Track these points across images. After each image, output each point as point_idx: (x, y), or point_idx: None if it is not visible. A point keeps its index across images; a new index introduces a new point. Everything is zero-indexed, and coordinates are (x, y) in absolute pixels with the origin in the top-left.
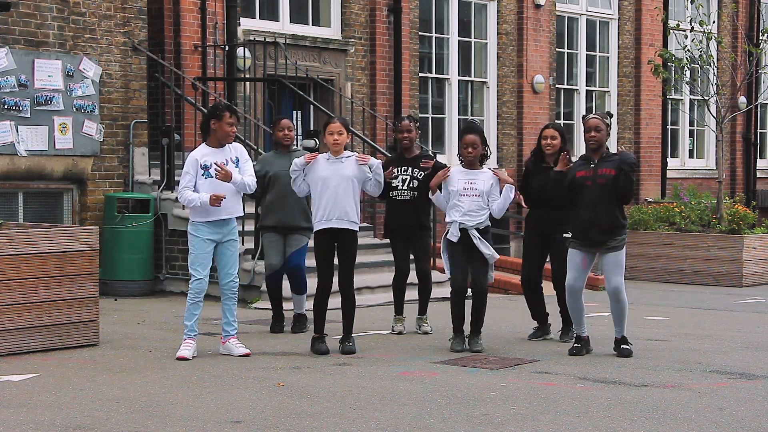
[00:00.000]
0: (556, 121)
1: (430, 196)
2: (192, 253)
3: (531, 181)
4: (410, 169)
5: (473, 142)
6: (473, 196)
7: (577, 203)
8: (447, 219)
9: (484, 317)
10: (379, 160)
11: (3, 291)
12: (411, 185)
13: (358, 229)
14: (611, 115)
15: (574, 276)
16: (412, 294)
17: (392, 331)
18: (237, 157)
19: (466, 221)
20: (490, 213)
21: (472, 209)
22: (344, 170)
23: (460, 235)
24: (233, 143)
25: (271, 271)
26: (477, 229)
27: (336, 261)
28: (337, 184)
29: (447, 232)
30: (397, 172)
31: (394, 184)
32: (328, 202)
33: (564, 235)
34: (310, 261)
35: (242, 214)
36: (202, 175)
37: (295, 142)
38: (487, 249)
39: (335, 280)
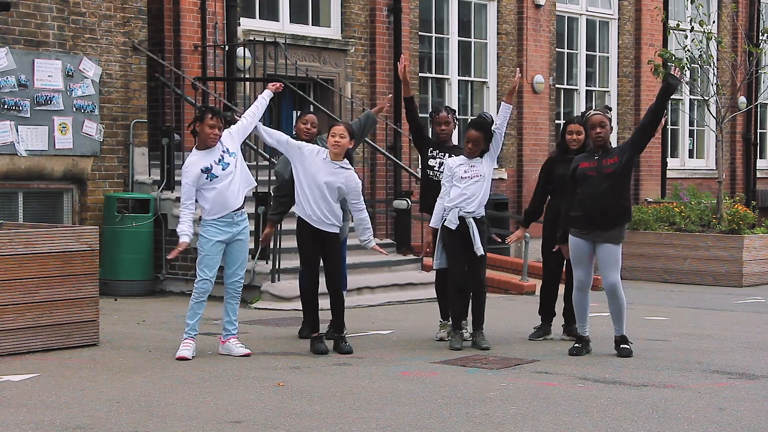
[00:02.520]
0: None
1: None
2: (200, 253)
3: (554, 170)
4: (447, 154)
5: (476, 138)
6: (475, 177)
7: (579, 193)
8: (446, 204)
9: (484, 312)
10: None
11: (3, 291)
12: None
13: (339, 230)
14: (610, 109)
15: (582, 273)
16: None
17: (435, 338)
18: (227, 148)
19: (464, 208)
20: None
21: (474, 194)
22: (337, 177)
23: (459, 223)
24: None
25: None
26: (474, 219)
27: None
28: (324, 187)
29: (444, 219)
30: (435, 153)
31: (430, 164)
32: (311, 200)
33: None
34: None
35: (244, 207)
36: (206, 178)
37: (315, 138)
38: (477, 243)
39: (322, 281)
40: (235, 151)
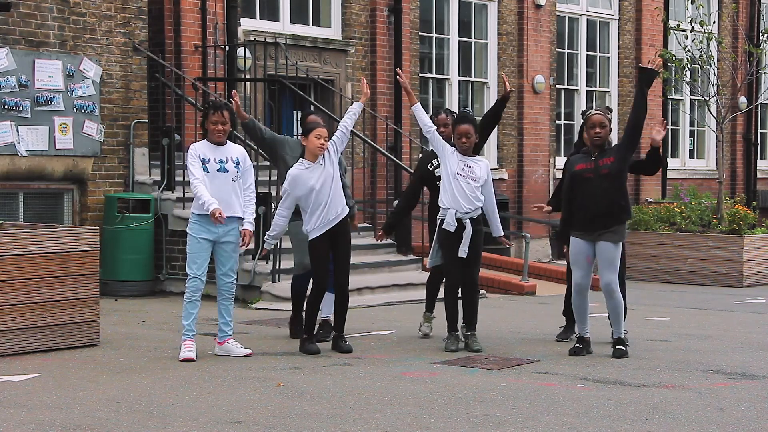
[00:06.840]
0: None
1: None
2: (188, 251)
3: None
4: None
5: (467, 131)
6: (469, 178)
7: (578, 196)
8: (441, 204)
9: (477, 313)
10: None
11: (4, 291)
12: None
13: (348, 209)
14: (611, 110)
15: (580, 274)
16: (410, 295)
17: (419, 331)
18: (237, 158)
19: (461, 209)
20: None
21: (469, 193)
22: (327, 170)
23: (456, 224)
24: (237, 146)
25: (303, 270)
26: (471, 219)
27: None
28: (327, 188)
29: (442, 221)
30: (438, 162)
31: (437, 174)
32: (322, 210)
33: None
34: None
35: (241, 215)
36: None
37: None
38: (465, 245)
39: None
40: (241, 172)
